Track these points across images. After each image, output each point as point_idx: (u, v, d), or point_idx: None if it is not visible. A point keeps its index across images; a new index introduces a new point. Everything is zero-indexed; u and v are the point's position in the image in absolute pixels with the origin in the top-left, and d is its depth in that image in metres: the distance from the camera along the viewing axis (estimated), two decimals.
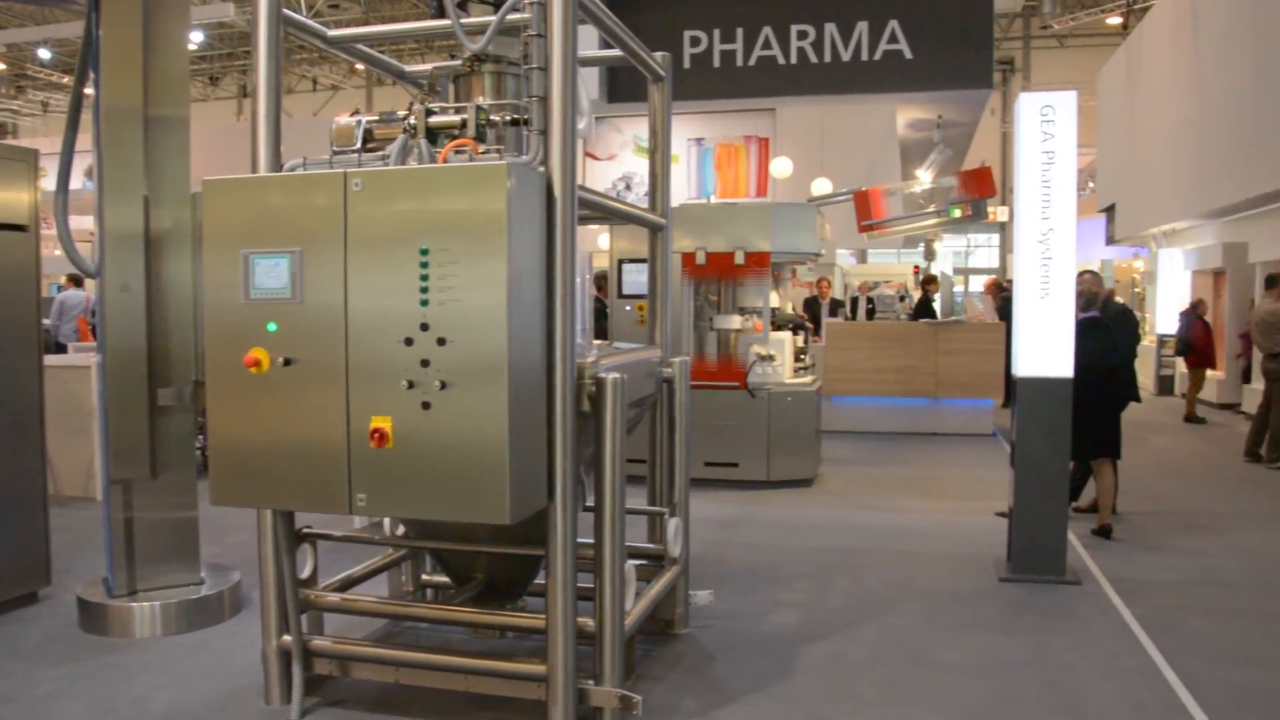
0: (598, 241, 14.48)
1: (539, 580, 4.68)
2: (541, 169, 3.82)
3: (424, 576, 5.58)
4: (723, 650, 5.15)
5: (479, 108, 4.02)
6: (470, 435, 3.59)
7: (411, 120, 4.05)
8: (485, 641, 5.05)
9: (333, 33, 4.80)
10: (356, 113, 4.22)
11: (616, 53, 4.98)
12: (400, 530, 5.06)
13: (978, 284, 28.19)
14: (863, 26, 9.91)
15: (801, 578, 6.46)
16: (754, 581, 6.35)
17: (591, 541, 4.18)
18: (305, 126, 22.68)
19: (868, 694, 4.62)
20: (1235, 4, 14.91)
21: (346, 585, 4.84)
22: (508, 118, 4.13)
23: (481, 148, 3.93)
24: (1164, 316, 19.04)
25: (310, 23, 4.65)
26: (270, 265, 3.77)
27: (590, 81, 10.13)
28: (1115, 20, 28.94)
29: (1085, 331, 7.46)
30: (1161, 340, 17.96)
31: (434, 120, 4.05)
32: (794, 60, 10.09)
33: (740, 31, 10.18)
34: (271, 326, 3.79)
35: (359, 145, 4.10)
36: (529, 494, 3.73)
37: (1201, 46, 16.34)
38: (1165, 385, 17.59)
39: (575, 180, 3.90)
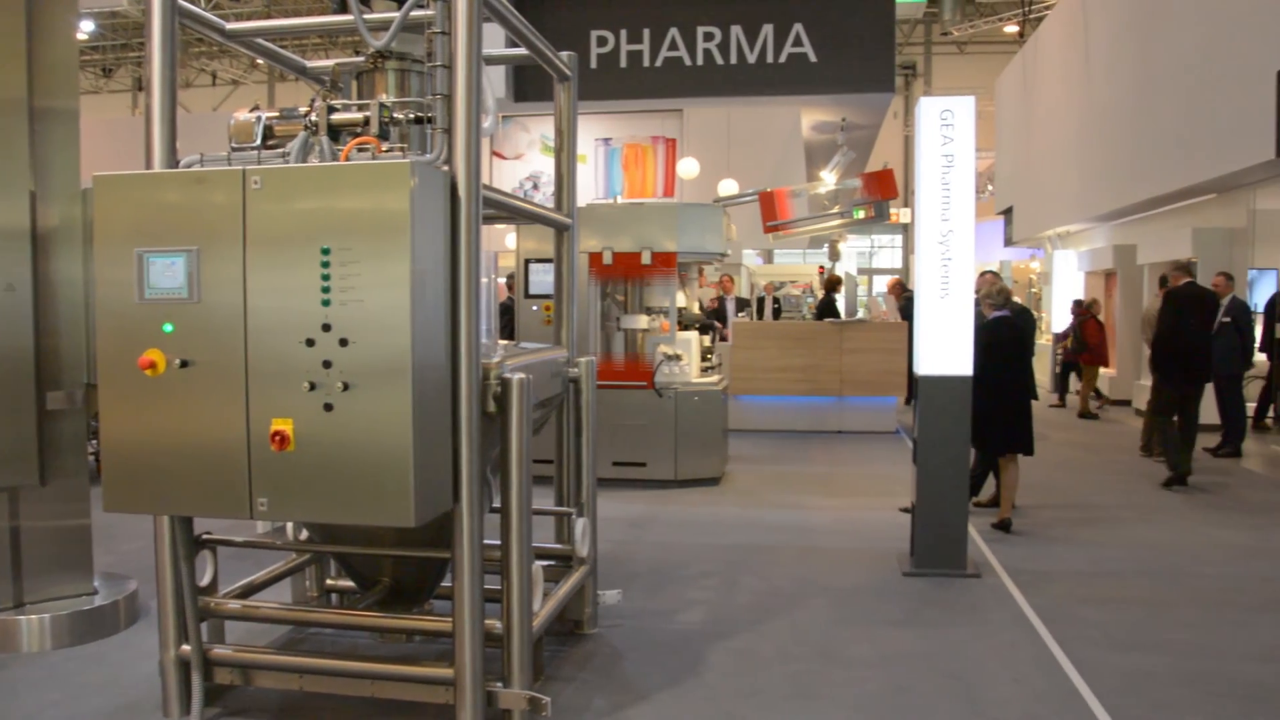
0: (504, 241, 14.41)
1: (446, 583, 4.64)
2: (445, 168, 3.79)
3: (328, 581, 5.48)
4: (632, 649, 5.16)
5: (382, 105, 3.97)
6: (374, 437, 3.54)
7: (313, 117, 3.98)
8: (392, 646, 4.99)
9: (231, 26, 4.69)
10: (256, 108, 4.13)
11: (522, 51, 4.95)
12: (304, 535, 4.97)
13: (882, 284, 28.75)
14: (768, 29, 10.01)
15: (709, 576, 6.51)
16: (662, 580, 6.38)
17: (498, 543, 4.16)
18: (204, 122, 22.08)
19: (776, 689, 4.67)
20: (1123, 16, 15.46)
21: (248, 592, 4.73)
22: (411, 116, 4.08)
23: (385, 146, 3.88)
24: (1060, 316, 19.61)
25: (207, 15, 4.54)
26: (166, 264, 3.67)
27: (496, 80, 10.07)
28: (1012, 29, 29.75)
29: (997, 330, 7.68)
30: (1058, 339, 18.50)
31: (336, 118, 3.98)
32: (700, 62, 10.16)
33: (647, 32, 10.21)
34: (167, 327, 3.69)
35: (259, 142, 4.02)
36: (434, 496, 3.69)
37: (1092, 56, 16.89)
38: (1059, 382, 18.10)
39: (480, 179, 3.87)
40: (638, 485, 9.26)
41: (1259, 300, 13.44)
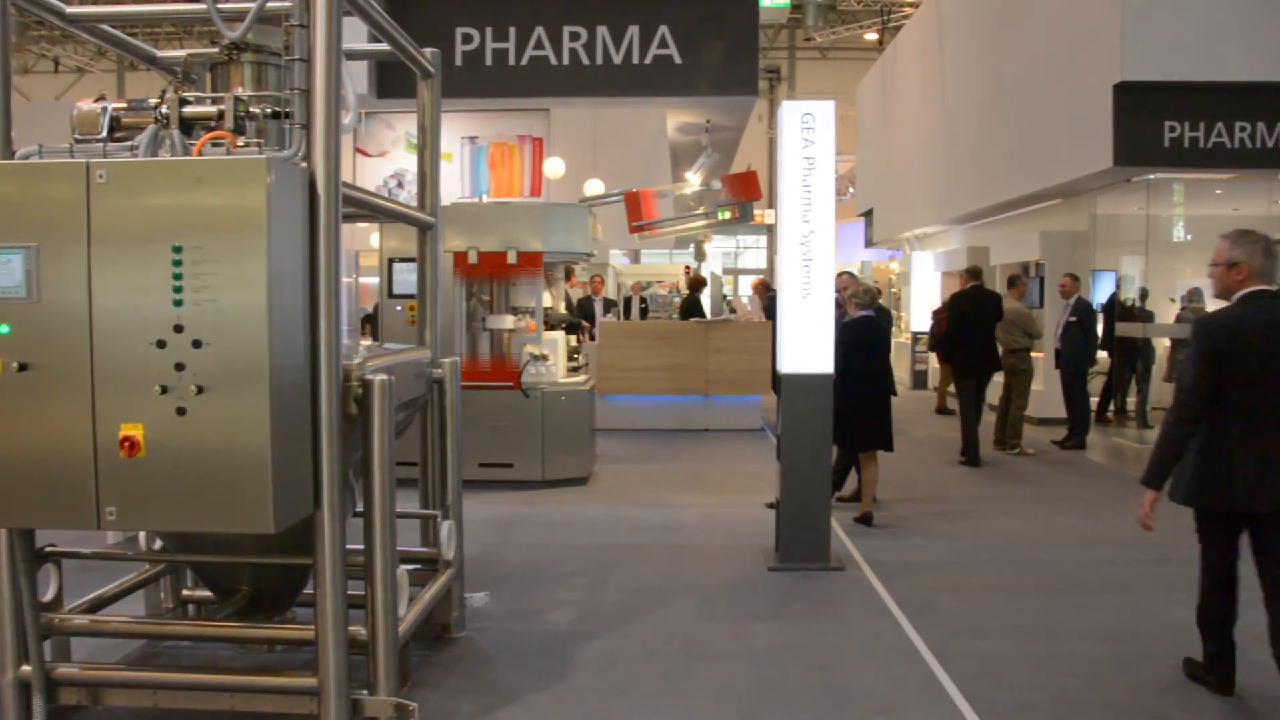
0: (369, 240, 14.14)
1: (308, 590, 4.53)
2: (304, 165, 3.69)
3: (185, 592, 5.29)
4: (501, 651, 5.12)
5: (237, 99, 3.85)
6: (230, 441, 3.43)
7: (164, 109, 3.83)
8: (254, 656, 4.85)
9: (72, 9, 4.45)
10: (102, 98, 3.95)
11: (385, 47, 4.86)
12: (157, 544, 4.78)
13: (747, 284, 29.19)
14: (634, 30, 10.04)
15: (578, 576, 6.51)
16: (531, 581, 6.35)
17: (362, 548, 4.08)
18: (45, 111, 21.03)
19: (645, 686, 4.70)
20: (974, 28, 16.05)
21: (97, 606, 4.53)
22: (269, 110, 3.96)
23: (240, 141, 3.75)
24: (918, 315, 20.25)
25: None
26: (1, 262, 3.48)
27: (358, 75, 9.86)
28: (872, 36, 30.63)
29: (862, 329, 7.87)
30: (915, 337, 19.09)
31: (189, 110, 3.84)
32: (566, 61, 10.12)
33: (513, 31, 10.13)
34: (3, 328, 3.50)
35: (104, 134, 3.84)
36: (294, 501, 3.60)
37: (946, 65, 17.50)
38: (919, 380, 18.69)
39: (339, 177, 3.78)
40: (505, 486, 9.19)
41: (1100, 300, 14.10)
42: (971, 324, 10.98)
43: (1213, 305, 5.04)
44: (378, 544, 4.04)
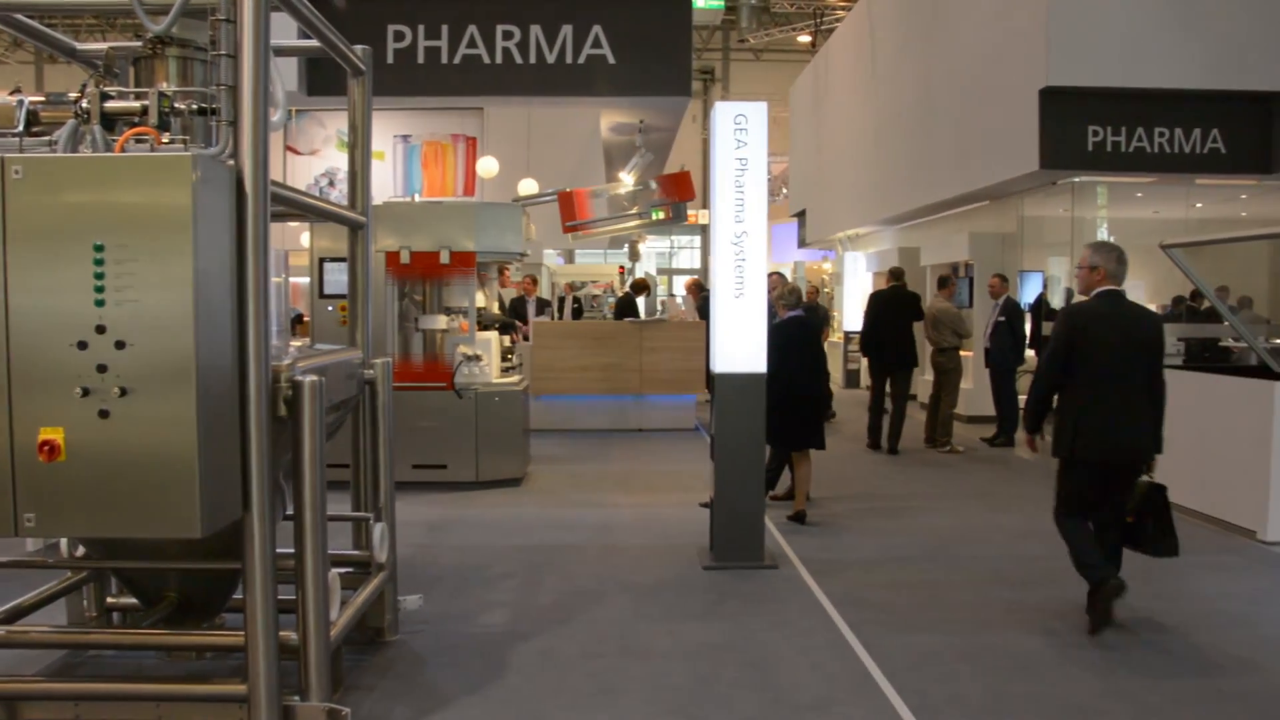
0: (299, 239, 13.92)
1: (238, 595, 4.44)
2: (231, 162, 3.62)
3: (109, 600, 5.15)
4: (434, 654, 5.08)
5: (162, 94, 3.76)
6: (155, 445, 3.36)
7: (84, 104, 3.73)
8: (180, 664, 4.73)
9: None
10: (18, 91, 3.84)
11: (315, 44, 4.79)
12: (80, 551, 4.66)
13: (681, 284, 29.27)
14: (567, 30, 10.02)
15: (512, 577, 6.48)
16: (464, 583, 6.31)
17: (292, 551, 4.02)
18: None
19: (580, 687, 4.69)
20: (905, 32, 16.27)
21: (15, 616, 4.41)
22: (194, 106, 3.88)
23: (165, 138, 3.68)
24: (851, 315, 20.46)
25: None
26: None
27: (288, 72, 9.70)
28: (805, 39, 30.91)
29: (791, 330, 7.93)
30: (848, 337, 19.28)
31: (111, 105, 3.75)
32: (499, 60, 10.07)
33: (445, 29, 10.05)
34: None
35: (21, 128, 3.74)
36: (222, 505, 3.53)
37: (878, 68, 17.71)
38: (852, 379, 18.89)
39: (268, 175, 3.71)
40: (438, 488, 9.12)
41: (1028, 300, 14.36)
42: (885, 323, 11.71)
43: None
44: (308, 547, 3.99)
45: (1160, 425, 5.51)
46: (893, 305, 11.90)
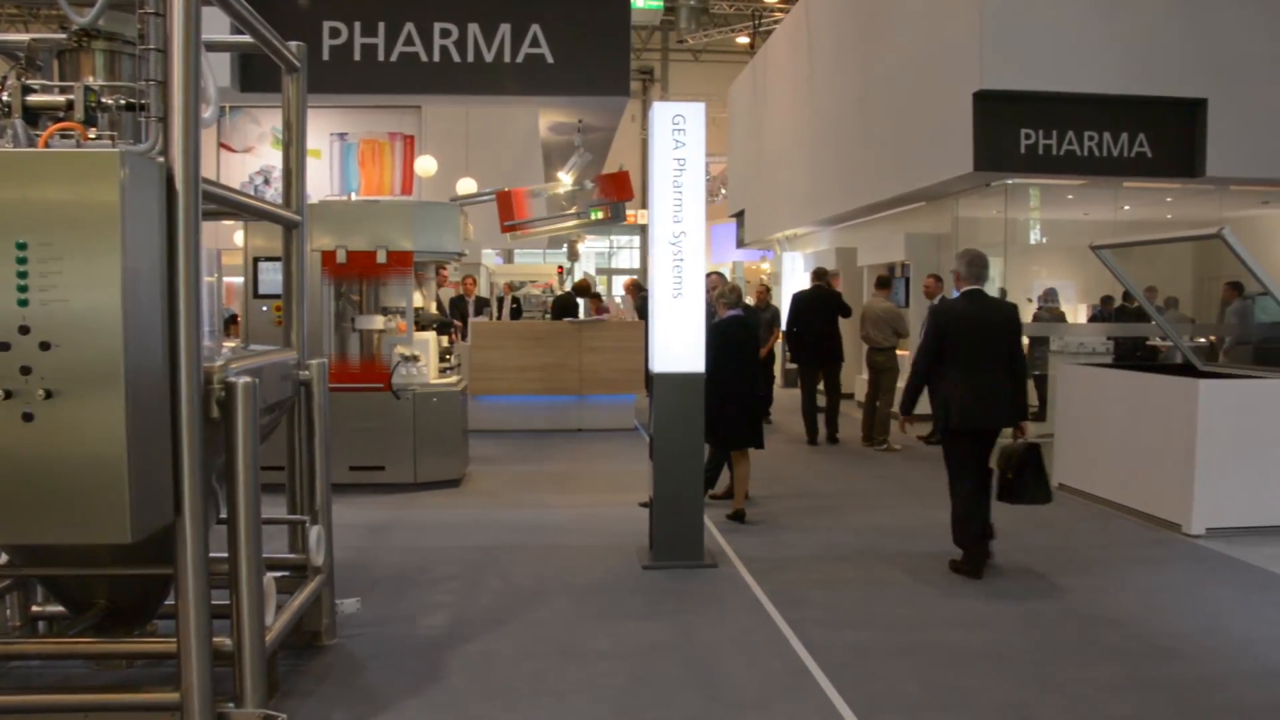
0: (233, 238, 13.70)
1: (170, 601, 4.36)
2: (161, 159, 3.54)
3: (34, 608, 5.00)
4: (373, 658, 5.03)
5: (88, 88, 3.67)
6: (83, 448, 3.28)
7: (4, 97, 3.63)
8: (111, 673, 4.64)
9: None
10: None
11: (248, 39, 4.71)
12: (3, 558, 4.53)
13: (620, 284, 29.30)
14: (506, 29, 9.96)
15: (451, 579, 6.43)
16: (403, 585, 6.25)
17: (226, 555, 3.95)
18: None
19: (520, 688, 4.67)
20: (843, 33, 16.42)
21: None
22: (122, 101, 3.80)
23: (92, 133, 3.59)
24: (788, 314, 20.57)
25: None
26: None
27: (220, 68, 9.54)
28: (744, 40, 31.08)
29: (730, 329, 7.96)
30: (786, 336, 19.37)
31: (33, 99, 3.66)
32: (437, 58, 9.99)
33: (382, 26, 9.94)
34: None
35: None
36: (153, 509, 3.46)
37: (816, 70, 17.85)
38: (790, 378, 19.00)
39: (199, 172, 3.64)
40: (376, 490, 9.03)
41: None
42: (809, 321, 12.21)
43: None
44: (243, 551, 3.92)
45: (1022, 395, 6.69)
46: (816, 304, 12.37)
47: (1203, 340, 11.75)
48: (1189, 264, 14.99)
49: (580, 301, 14.75)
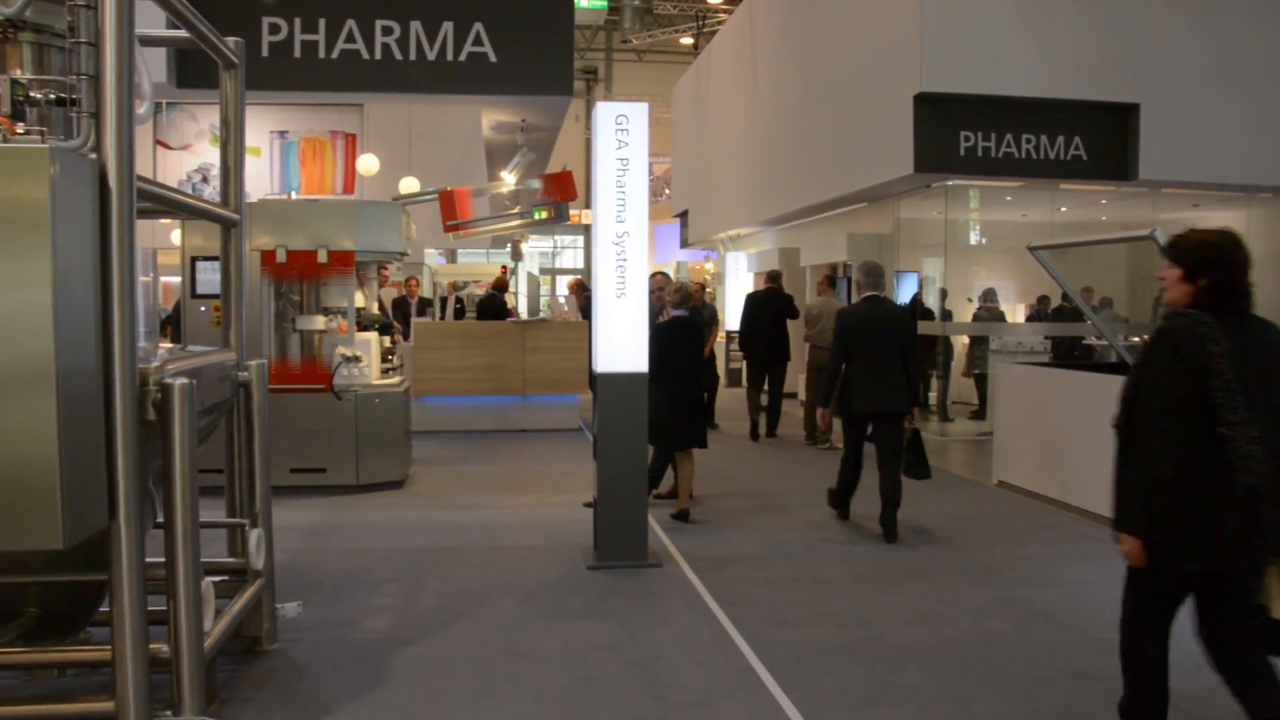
0: (170, 237, 13.47)
1: (105, 608, 4.27)
2: (93, 156, 3.46)
3: None
4: (314, 663, 4.96)
5: (15, 81, 3.58)
6: (12, 452, 3.19)
7: None
8: (42, 683, 4.52)
9: None
10: None
11: (184, 34, 4.62)
12: None
13: (564, 284, 29.23)
14: (448, 27, 9.89)
15: (394, 581, 6.38)
16: (345, 589, 6.18)
17: (163, 560, 3.87)
18: None
19: (463, 690, 4.64)
20: (785, 35, 16.53)
21: None
22: (52, 96, 3.70)
23: (20, 128, 3.50)
24: (733, 314, 20.68)
25: None
26: None
27: (156, 62, 9.36)
28: (688, 40, 31.18)
29: (676, 329, 7.97)
30: (730, 336, 19.48)
31: None
32: (379, 56, 9.89)
33: (323, 22, 9.82)
34: None
35: None
36: (86, 513, 3.37)
37: (759, 71, 17.95)
38: (734, 378, 19.09)
39: (133, 169, 3.56)
40: (318, 492, 8.92)
41: (904, 299, 14.73)
42: (761, 321, 12.50)
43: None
44: (180, 555, 3.85)
45: (913, 386, 7.62)
46: (768, 305, 12.63)
47: (1136, 339, 12.01)
48: (1123, 265, 15.30)
49: (507, 298, 14.66)
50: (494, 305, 14.11)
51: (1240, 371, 3.35)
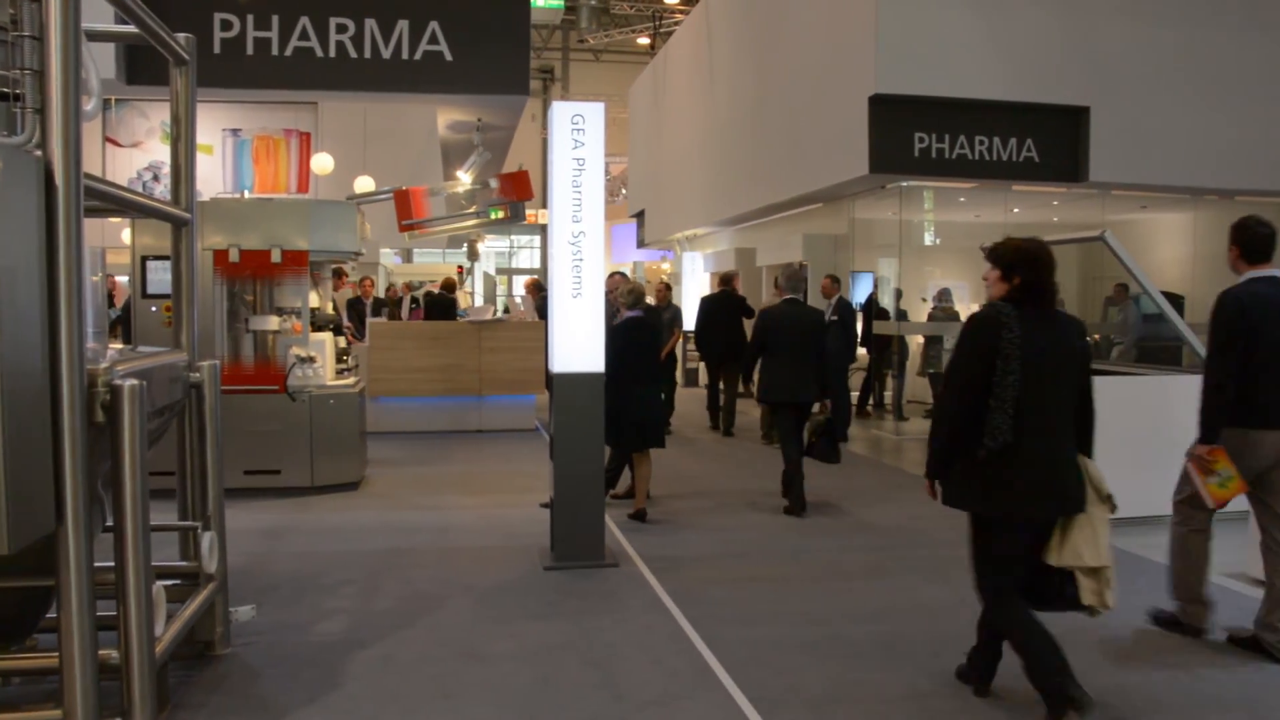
0: (120, 236, 13.27)
1: (53, 614, 4.19)
2: (39, 153, 3.40)
3: None
4: (269, 666, 4.91)
5: None
6: None
7: None
8: None
9: None
10: None
11: (133, 29, 4.55)
12: None
13: (521, 284, 29.12)
14: (404, 25, 9.84)
15: (349, 583, 6.32)
16: (300, 591, 6.12)
17: (112, 565, 3.81)
18: None
19: (419, 693, 4.61)
20: (742, 36, 16.59)
21: None
22: None
23: None
24: (689, 314, 20.72)
25: None
26: None
27: (105, 58, 9.22)
28: (644, 41, 31.20)
29: (630, 330, 7.96)
30: (686, 336, 19.50)
31: None
32: (333, 54, 9.81)
33: (276, 19, 9.73)
34: None
35: None
36: (32, 518, 3.31)
37: (715, 72, 18.00)
38: (690, 378, 19.12)
39: (80, 167, 3.49)
40: (272, 494, 8.83)
41: (859, 299, 14.85)
42: (716, 322, 12.81)
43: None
44: (130, 560, 3.78)
45: (822, 378, 8.39)
46: (722, 306, 12.92)
47: (1087, 339, 12.16)
48: (1074, 265, 15.50)
49: (457, 298, 14.58)
50: (442, 305, 14.02)
51: (1033, 357, 4.08)
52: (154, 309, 8.76)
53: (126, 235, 10.22)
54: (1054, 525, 4.29)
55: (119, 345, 7.53)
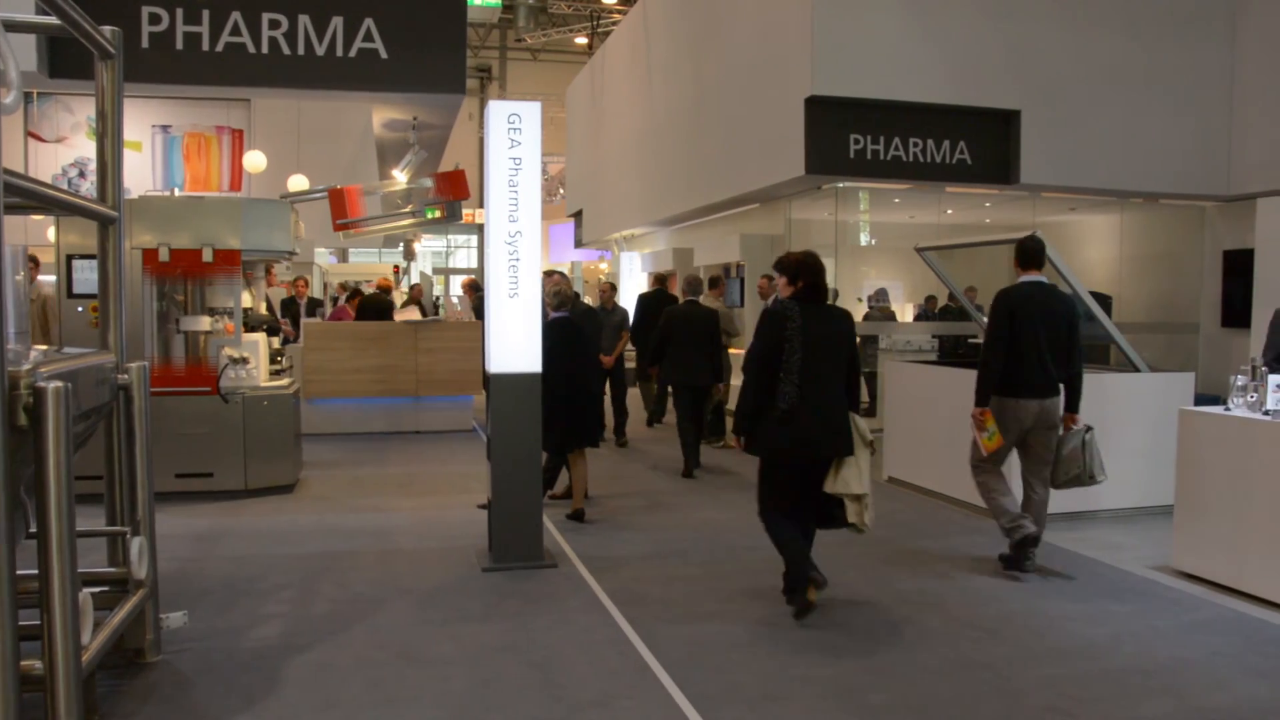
0: (46, 234, 12.96)
1: None
2: None
3: None
4: (201, 674, 4.81)
5: None
6: None
7: None
8: None
9: None
10: None
11: (55, 20, 4.43)
12: None
13: (458, 284, 28.95)
14: (338, 22, 9.71)
15: (285, 587, 6.23)
16: (234, 596, 6.02)
17: (36, 573, 3.70)
18: None
19: (357, 697, 4.55)
20: (680, 37, 16.62)
21: None
22: None
23: None
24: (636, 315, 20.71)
25: None
26: None
27: (25, 49, 8.98)
28: (582, 40, 31.16)
29: (558, 331, 7.93)
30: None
31: None
32: (266, 50, 9.65)
33: (206, 13, 9.54)
34: None
35: None
36: None
37: (653, 72, 18.02)
38: (630, 376, 19.11)
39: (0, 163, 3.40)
40: (204, 497, 8.67)
41: None
42: (652, 320, 12.47)
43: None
44: (55, 567, 3.68)
45: (716, 366, 10.23)
46: (657, 305, 12.70)
47: None
48: (1006, 266, 15.73)
49: (396, 298, 14.45)
50: (376, 305, 13.87)
51: (811, 340, 5.47)
52: (80, 309, 8.56)
53: (52, 233, 9.97)
54: (829, 465, 5.56)
55: (43, 346, 7.35)
